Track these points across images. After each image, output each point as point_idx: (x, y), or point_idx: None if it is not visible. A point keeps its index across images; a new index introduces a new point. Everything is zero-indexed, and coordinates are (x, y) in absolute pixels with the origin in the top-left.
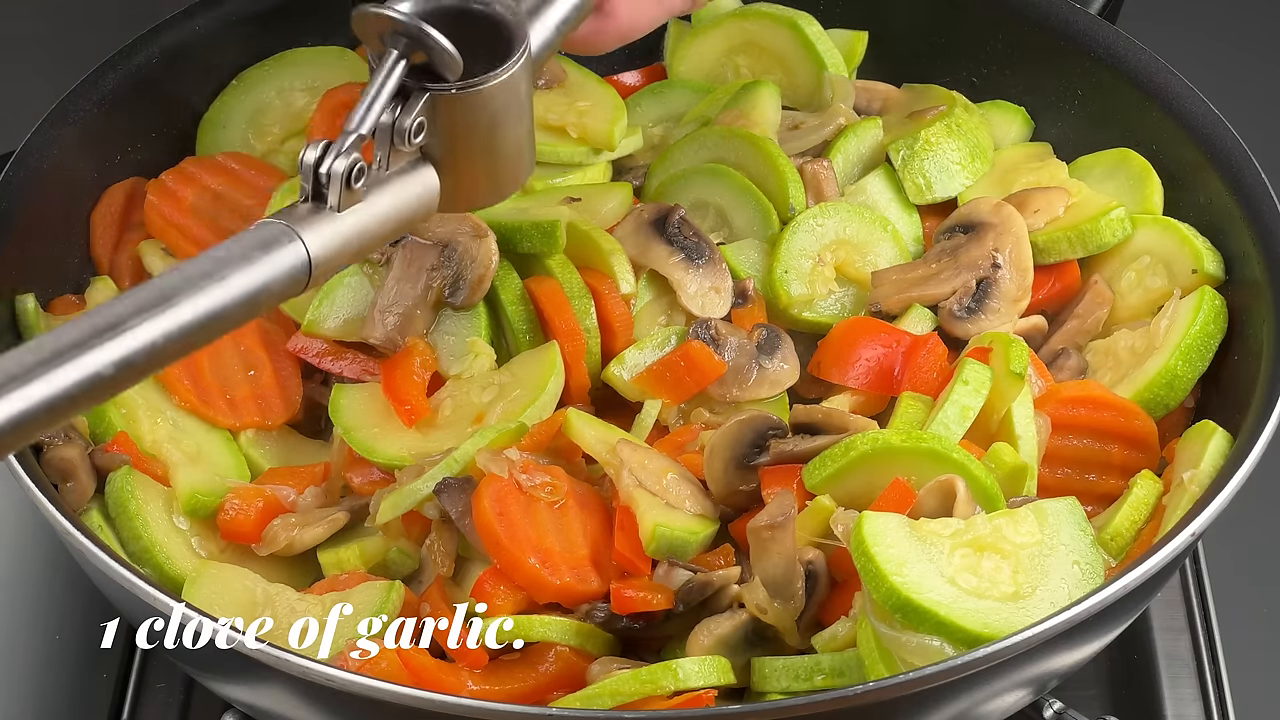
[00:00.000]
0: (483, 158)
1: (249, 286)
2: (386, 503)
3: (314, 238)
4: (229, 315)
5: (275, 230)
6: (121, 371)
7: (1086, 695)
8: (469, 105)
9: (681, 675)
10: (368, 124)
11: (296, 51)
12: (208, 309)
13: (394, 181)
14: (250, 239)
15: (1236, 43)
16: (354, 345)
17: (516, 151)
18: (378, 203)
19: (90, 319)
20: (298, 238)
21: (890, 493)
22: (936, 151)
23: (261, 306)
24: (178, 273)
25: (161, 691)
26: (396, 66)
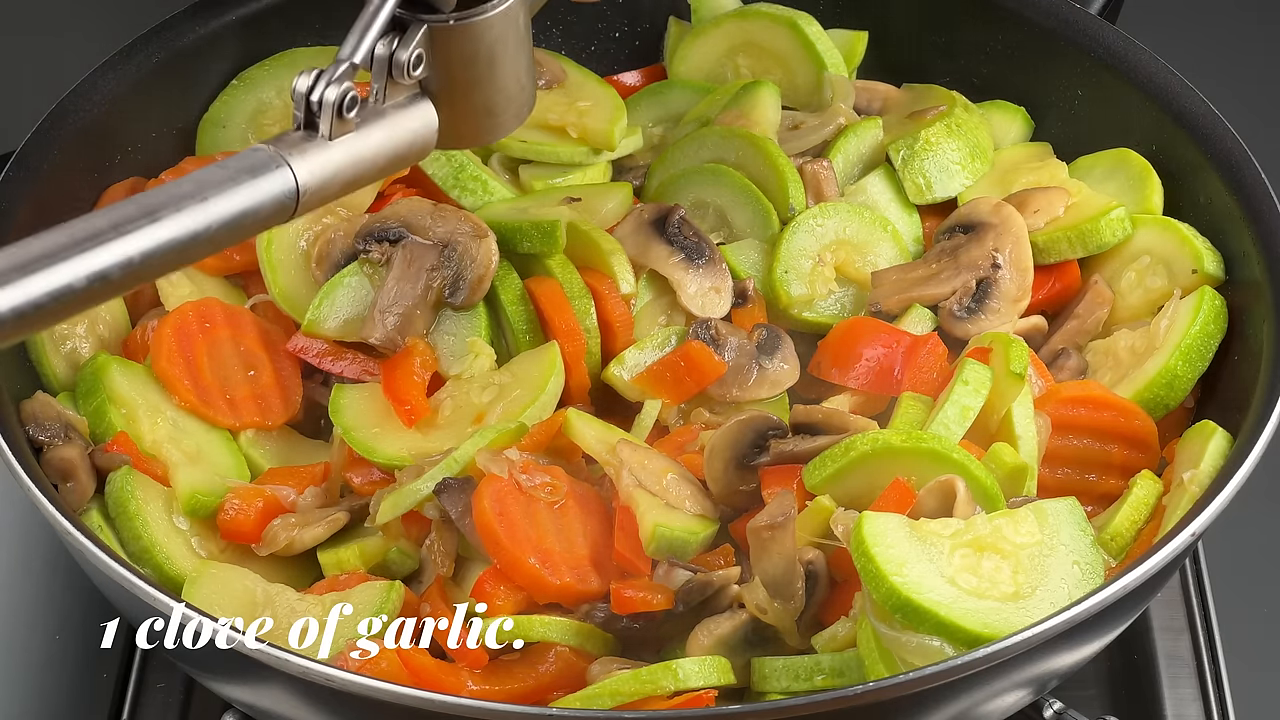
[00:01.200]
0: (482, 91)
1: (233, 210)
2: (386, 503)
3: (303, 165)
4: (211, 237)
5: (264, 156)
6: (94, 284)
7: (1086, 695)
8: (466, 37)
9: (681, 675)
10: (360, 53)
11: (296, 51)
12: (189, 229)
13: (390, 115)
14: (238, 163)
15: (1236, 43)
16: (354, 345)
17: (516, 85)
18: (372, 135)
19: (68, 229)
20: (286, 164)
21: (890, 493)
22: (936, 151)
23: (246, 231)
24: (162, 191)
25: (161, 691)
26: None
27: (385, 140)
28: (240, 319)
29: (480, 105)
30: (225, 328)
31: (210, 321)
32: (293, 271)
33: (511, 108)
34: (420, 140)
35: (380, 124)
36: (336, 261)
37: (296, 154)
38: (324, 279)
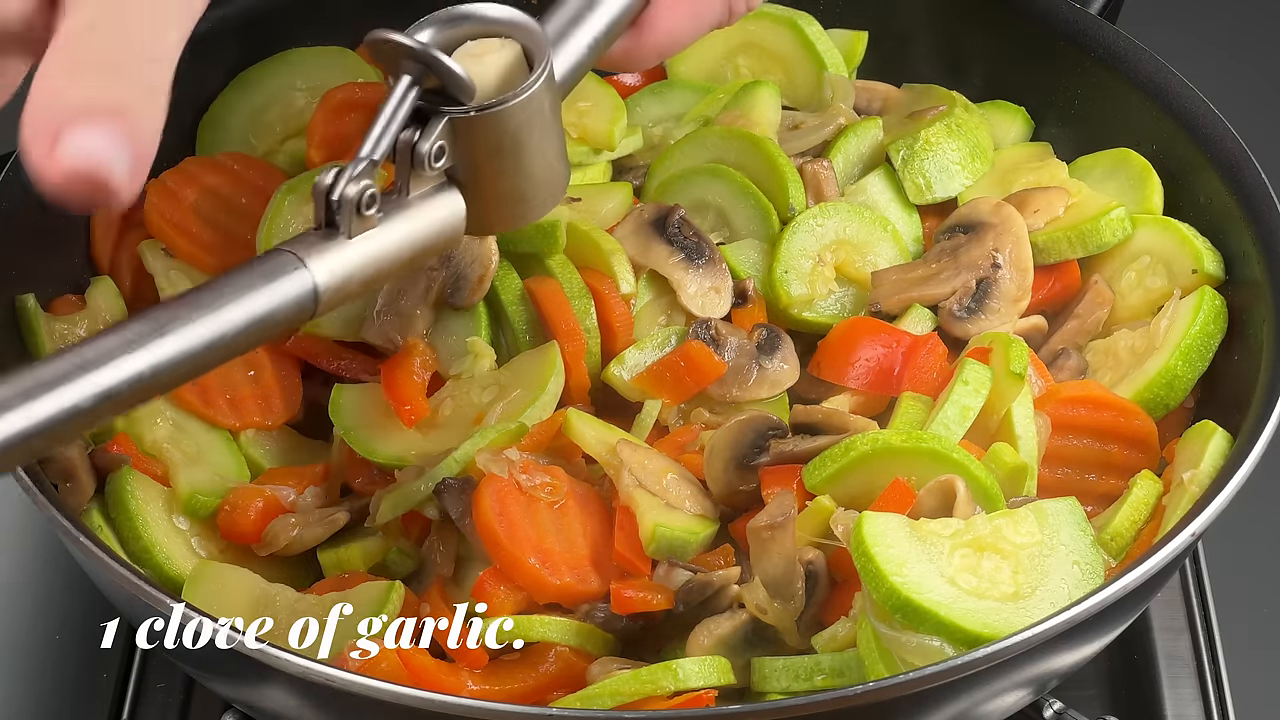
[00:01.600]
0: (510, 178)
1: (249, 315)
2: (386, 503)
3: (322, 266)
4: (227, 345)
5: (282, 259)
6: (101, 404)
7: (1086, 695)
8: (489, 126)
9: (681, 675)
10: (381, 149)
11: (296, 51)
12: (203, 339)
13: (415, 206)
14: (257, 268)
15: (1236, 43)
16: (354, 345)
17: (546, 170)
18: (396, 228)
19: (79, 351)
20: (304, 266)
21: (890, 493)
22: (936, 151)
23: (267, 334)
24: (176, 302)
25: (161, 691)
26: (410, 93)
27: (410, 233)
28: None
29: (509, 192)
30: None
31: None
32: None
33: (542, 192)
34: (448, 230)
35: (405, 216)
36: None
37: (315, 254)
38: None
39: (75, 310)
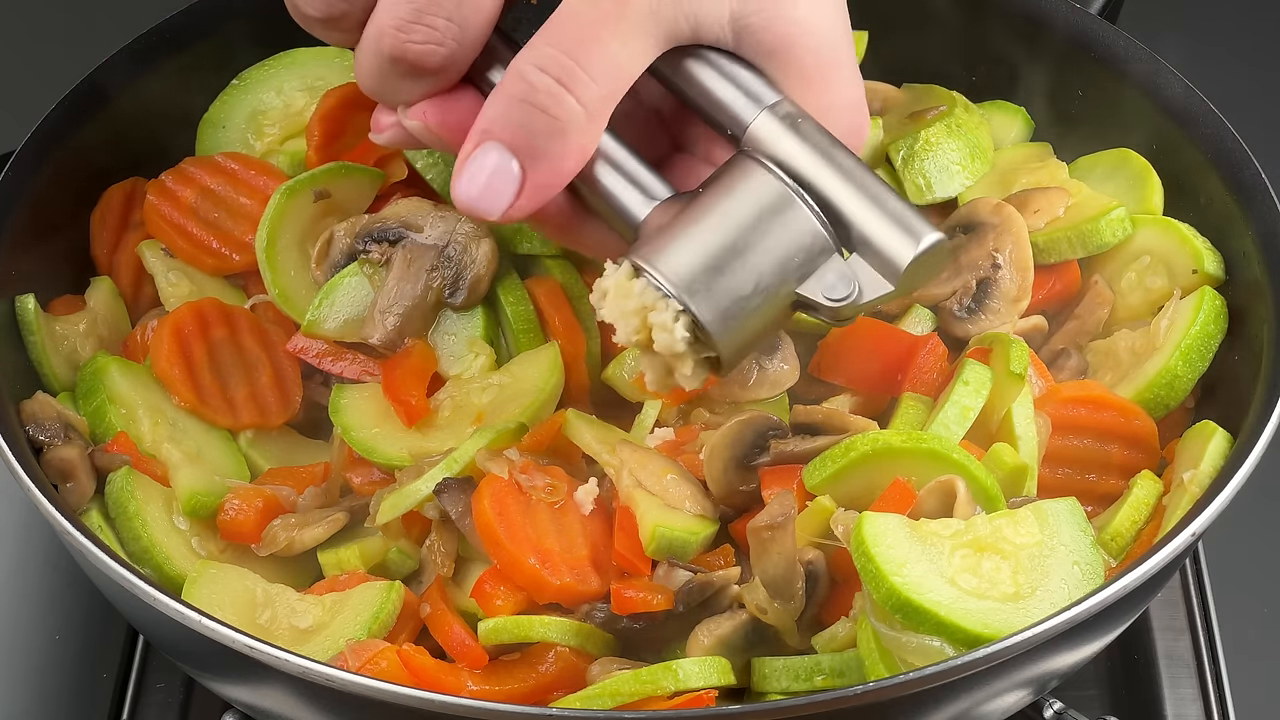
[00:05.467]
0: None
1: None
2: (386, 503)
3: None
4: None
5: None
6: None
7: (1086, 695)
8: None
9: (682, 676)
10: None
11: (296, 51)
12: None
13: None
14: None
15: (1236, 43)
16: (354, 345)
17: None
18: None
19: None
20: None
21: (890, 493)
22: (936, 151)
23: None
24: None
25: (161, 691)
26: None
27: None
28: (240, 319)
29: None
30: (225, 328)
31: (210, 322)
32: (293, 272)
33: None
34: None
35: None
36: (336, 262)
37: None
38: (324, 279)
39: (75, 310)
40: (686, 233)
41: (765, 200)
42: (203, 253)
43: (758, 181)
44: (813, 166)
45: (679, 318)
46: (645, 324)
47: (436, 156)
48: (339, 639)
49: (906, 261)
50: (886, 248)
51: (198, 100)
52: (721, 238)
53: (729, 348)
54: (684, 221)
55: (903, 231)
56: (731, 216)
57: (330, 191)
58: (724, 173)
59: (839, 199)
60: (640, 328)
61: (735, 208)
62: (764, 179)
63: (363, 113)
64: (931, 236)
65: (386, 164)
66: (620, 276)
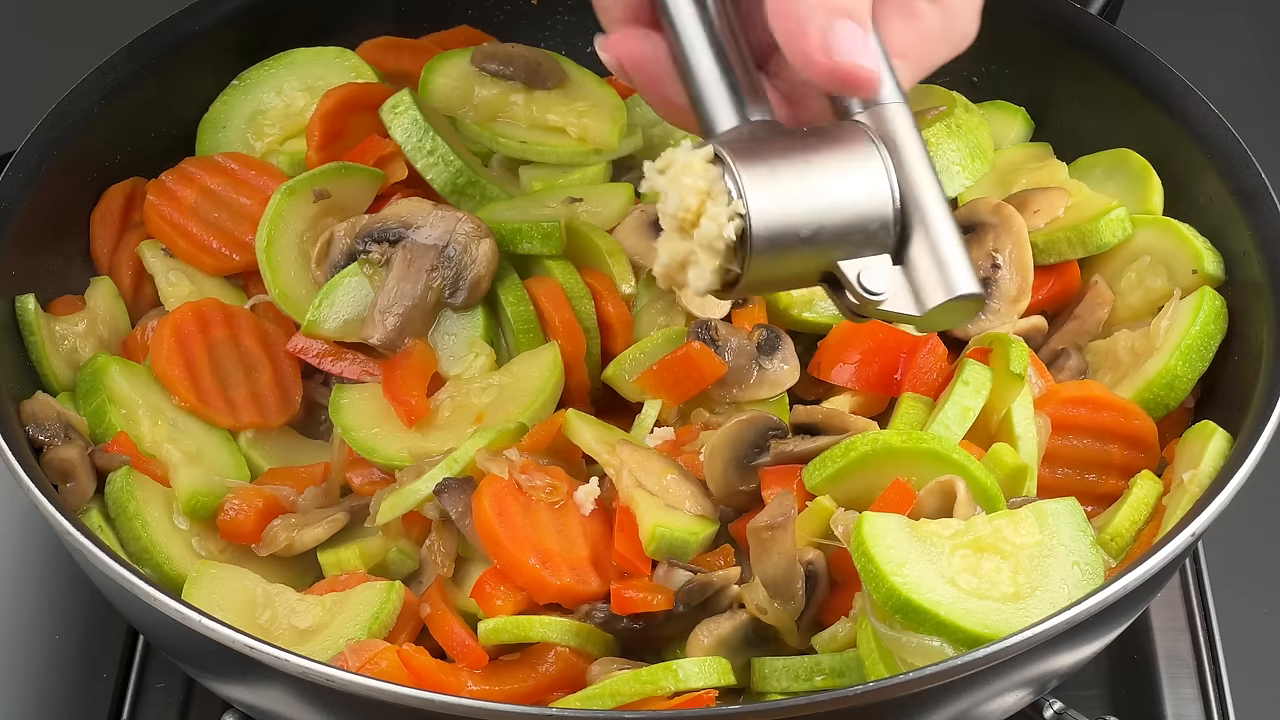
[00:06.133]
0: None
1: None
2: (386, 503)
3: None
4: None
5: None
6: None
7: (1086, 695)
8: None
9: (682, 676)
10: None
11: (296, 52)
12: None
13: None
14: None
15: (1236, 43)
16: (354, 345)
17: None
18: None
19: None
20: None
21: (890, 493)
22: (936, 151)
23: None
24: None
25: (161, 691)
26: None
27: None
28: (240, 319)
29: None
30: (225, 328)
31: (210, 322)
32: (293, 272)
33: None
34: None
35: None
36: (336, 262)
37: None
38: (324, 279)
39: (75, 310)
40: (781, 157)
41: (863, 171)
42: (203, 253)
43: (864, 152)
44: (910, 172)
45: (734, 219)
46: (698, 207)
47: (437, 156)
48: (339, 639)
49: (942, 299)
50: (933, 277)
51: (198, 100)
52: (809, 179)
53: (754, 274)
54: (781, 148)
55: (954, 271)
56: (827, 168)
57: (330, 191)
58: (834, 130)
59: (915, 213)
60: (690, 208)
61: (833, 162)
62: (872, 153)
63: (363, 113)
64: (971, 288)
65: (386, 164)
66: (697, 156)
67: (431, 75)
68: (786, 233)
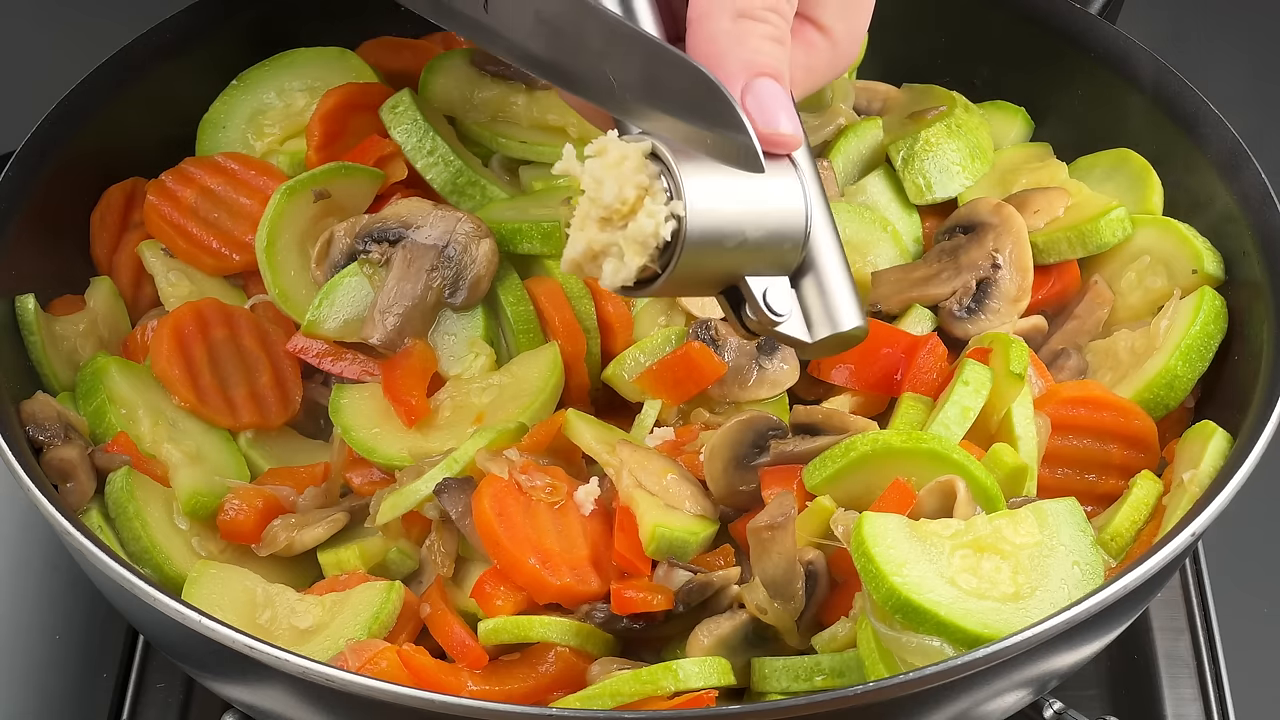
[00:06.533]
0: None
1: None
2: (386, 503)
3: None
4: None
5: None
6: None
7: (1086, 695)
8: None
9: (682, 676)
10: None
11: (296, 52)
12: None
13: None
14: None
15: (1236, 43)
16: (354, 346)
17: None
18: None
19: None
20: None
21: (890, 493)
22: (936, 152)
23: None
24: None
25: (161, 691)
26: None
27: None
28: (240, 319)
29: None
30: (225, 328)
31: (210, 322)
32: (293, 272)
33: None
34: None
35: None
36: (336, 262)
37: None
38: (324, 279)
39: (75, 310)
40: (712, 164)
41: (783, 191)
42: (203, 253)
43: (784, 173)
44: (816, 202)
45: (670, 219)
46: (632, 203)
47: (437, 156)
48: (339, 639)
49: (829, 331)
50: (824, 309)
51: (198, 100)
52: (737, 190)
53: (675, 275)
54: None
55: (843, 306)
56: (752, 182)
57: (330, 191)
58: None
59: (812, 246)
60: (627, 201)
61: (764, 182)
62: (791, 175)
63: (363, 113)
64: (856, 323)
65: (386, 164)
66: (634, 149)
67: (431, 75)
68: (714, 239)
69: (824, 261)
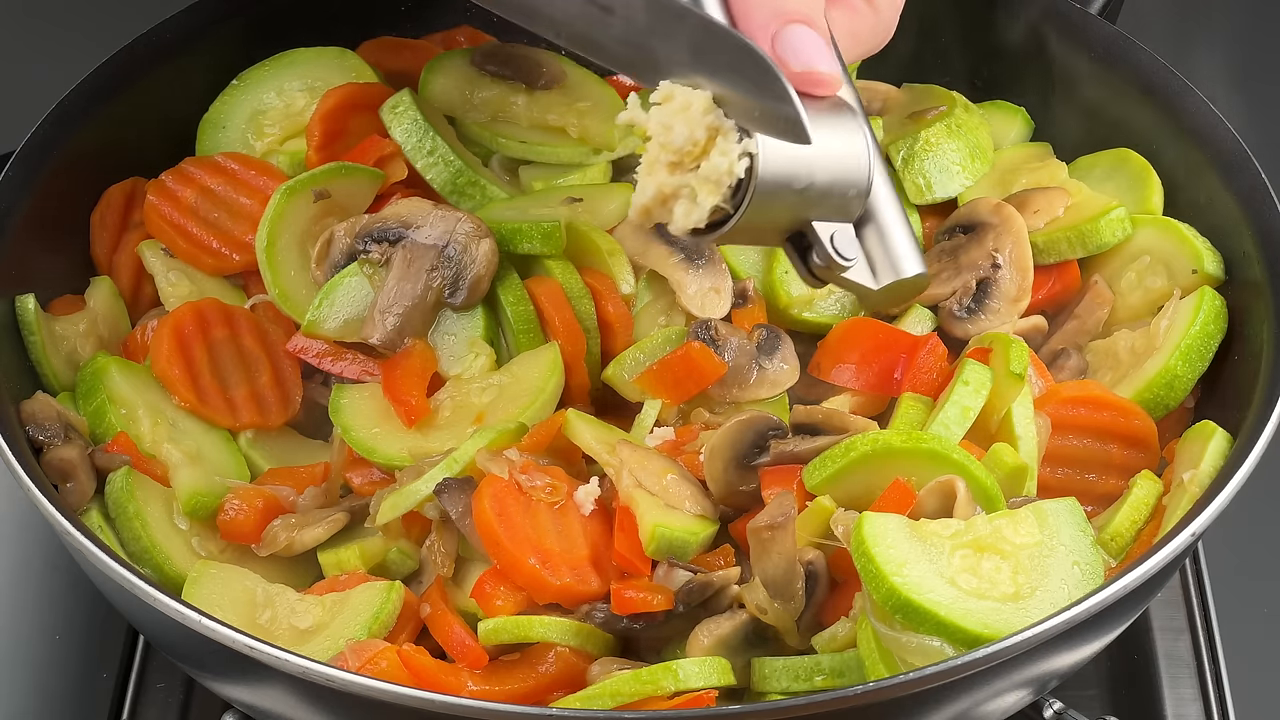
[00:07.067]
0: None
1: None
2: (386, 503)
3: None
4: None
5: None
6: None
7: (1086, 695)
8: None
9: (682, 676)
10: None
11: (296, 52)
12: None
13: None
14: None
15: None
16: (354, 345)
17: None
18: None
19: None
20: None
21: (890, 493)
22: (936, 152)
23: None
24: None
25: (161, 691)
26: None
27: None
28: (240, 319)
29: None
30: (225, 328)
31: (210, 322)
32: (293, 272)
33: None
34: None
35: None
36: (336, 262)
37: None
38: (324, 279)
39: (75, 310)
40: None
41: (849, 137)
42: (203, 253)
43: (850, 121)
44: (875, 150)
45: (745, 156)
46: (703, 144)
47: (437, 156)
48: (339, 639)
49: (893, 277)
50: (888, 257)
51: (198, 100)
52: (812, 138)
53: (746, 217)
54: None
55: (906, 253)
56: (820, 127)
57: (330, 191)
58: (829, 102)
59: (877, 194)
60: (698, 142)
61: (825, 124)
62: (856, 123)
63: (363, 113)
64: (919, 269)
65: (386, 164)
66: (699, 95)
67: (431, 75)
68: (785, 179)
69: (884, 211)
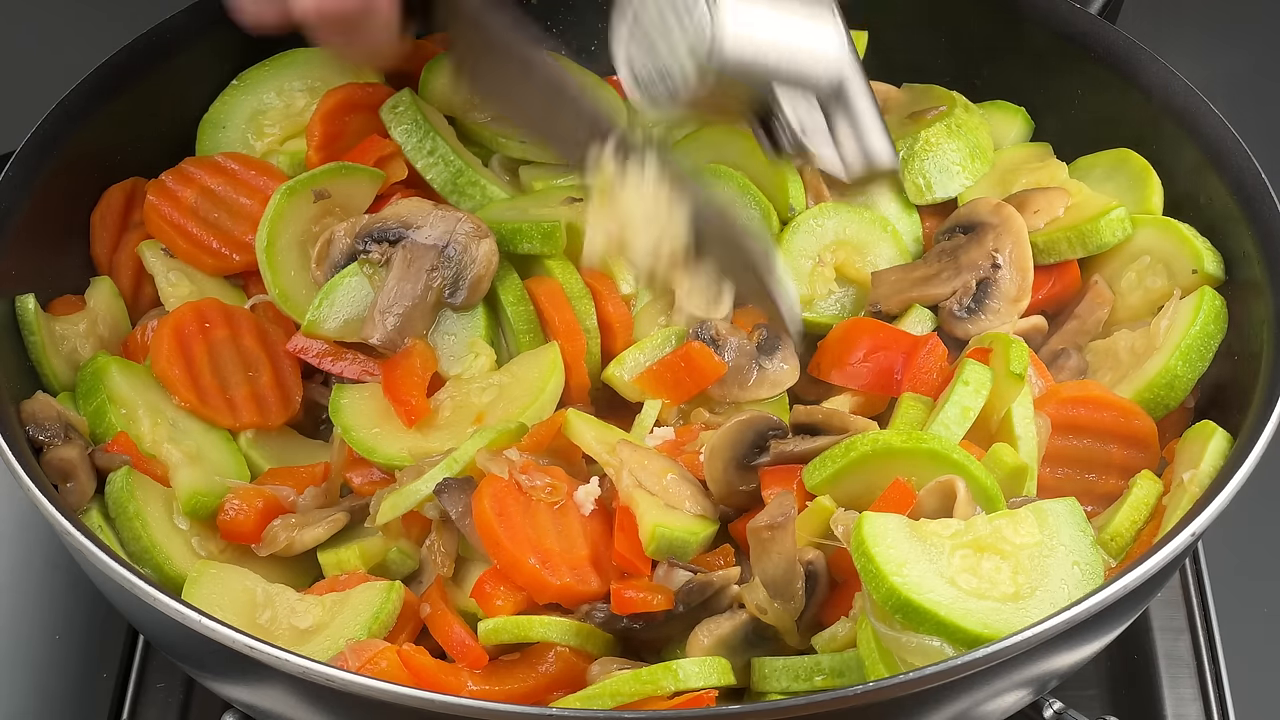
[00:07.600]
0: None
1: None
2: (386, 503)
3: None
4: None
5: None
6: None
7: (1086, 695)
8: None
9: (682, 676)
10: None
11: (296, 52)
12: None
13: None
14: None
15: (1236, 42)
16: (354, 345)
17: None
18: None
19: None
20: None
21: (890, 493)
22: (936, 152)
23: None
24: None
25: (161, 691)
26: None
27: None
28: (240, 319)
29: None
30: (225, 328)
31: (210, 322)
32: (293, 272)
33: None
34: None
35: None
36: (336, 262)
37: None
38: (324, 279)
39: (75, 310)
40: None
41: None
42: (203, 253)
43: (832, 18)
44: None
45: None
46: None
47: (437, 156)
48: (339, 639)
49: (864, 169)
50: (857, 146)
51: (198, 100)
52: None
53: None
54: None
55: (878, 143)
56: (802, 9)
57: (330, 191)
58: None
59: (850, 86)
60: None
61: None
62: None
63: (363, 113)
64: (895, 164)
65: (386, 164)
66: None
67: (431, 75)
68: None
69: (856, 102)
